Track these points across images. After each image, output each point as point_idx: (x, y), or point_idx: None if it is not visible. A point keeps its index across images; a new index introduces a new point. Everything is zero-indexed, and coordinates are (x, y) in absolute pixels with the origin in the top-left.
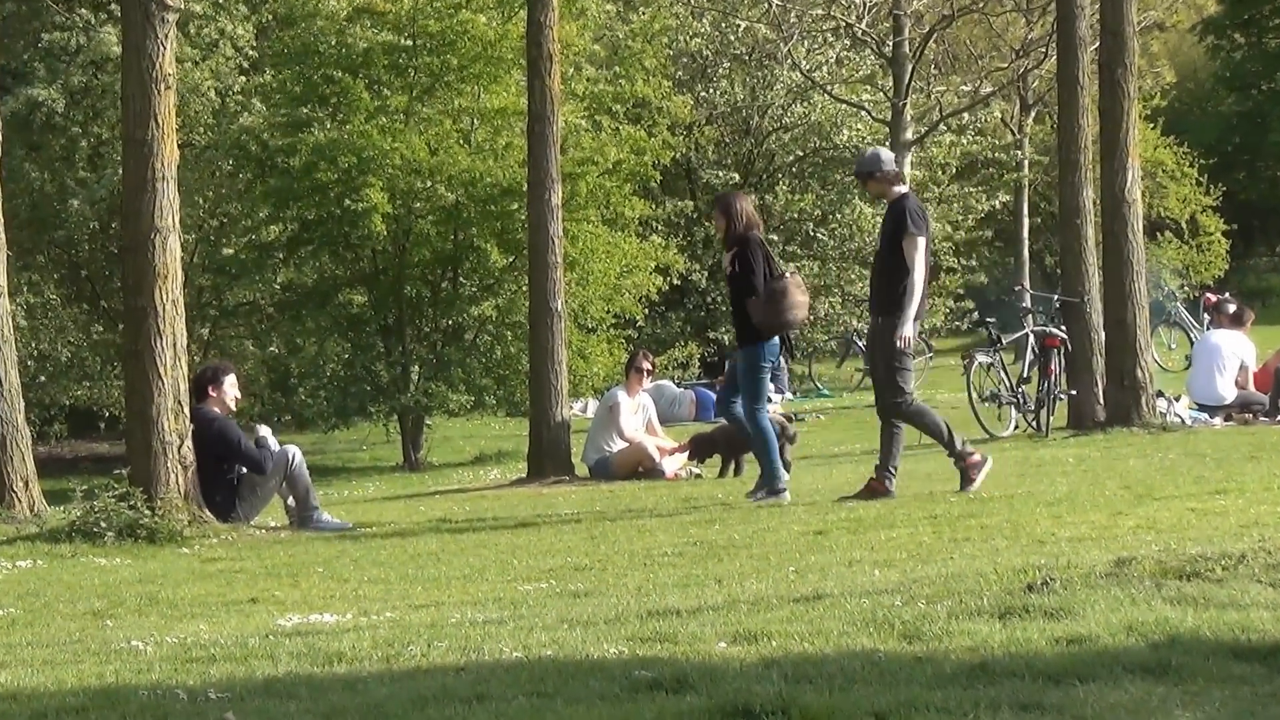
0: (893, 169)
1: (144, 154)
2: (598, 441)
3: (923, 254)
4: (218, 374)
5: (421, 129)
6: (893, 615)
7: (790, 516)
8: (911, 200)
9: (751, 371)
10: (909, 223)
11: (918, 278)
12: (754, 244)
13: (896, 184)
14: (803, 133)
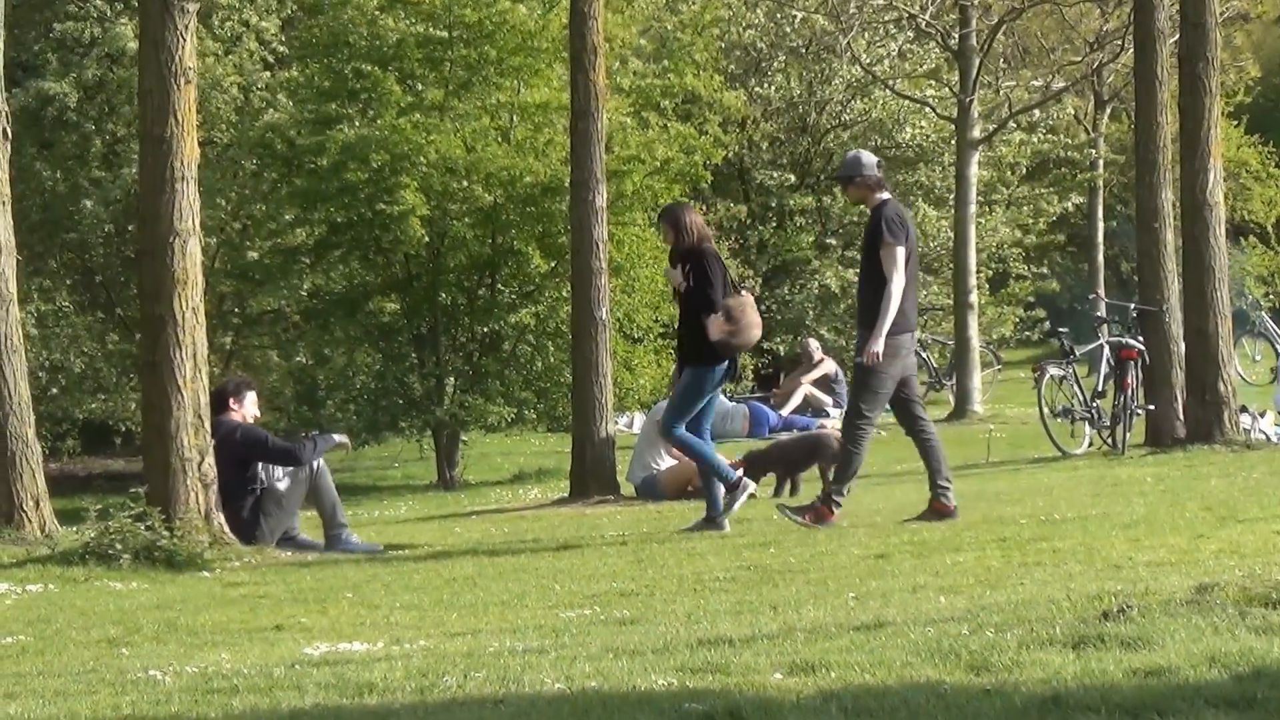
0: (874, 174)
1: (162, 152)
2: (644, 459)
3: (901, 265)
4: (239, 388)
5: (457, 125)
6: (959, 645)
7: (850, 539)
8: (891, 208)
9: (691, 392)
10: (885, 231)
11: (895, 290)
12: (710, 256)
13: (878, 190)
14: (863, 130)
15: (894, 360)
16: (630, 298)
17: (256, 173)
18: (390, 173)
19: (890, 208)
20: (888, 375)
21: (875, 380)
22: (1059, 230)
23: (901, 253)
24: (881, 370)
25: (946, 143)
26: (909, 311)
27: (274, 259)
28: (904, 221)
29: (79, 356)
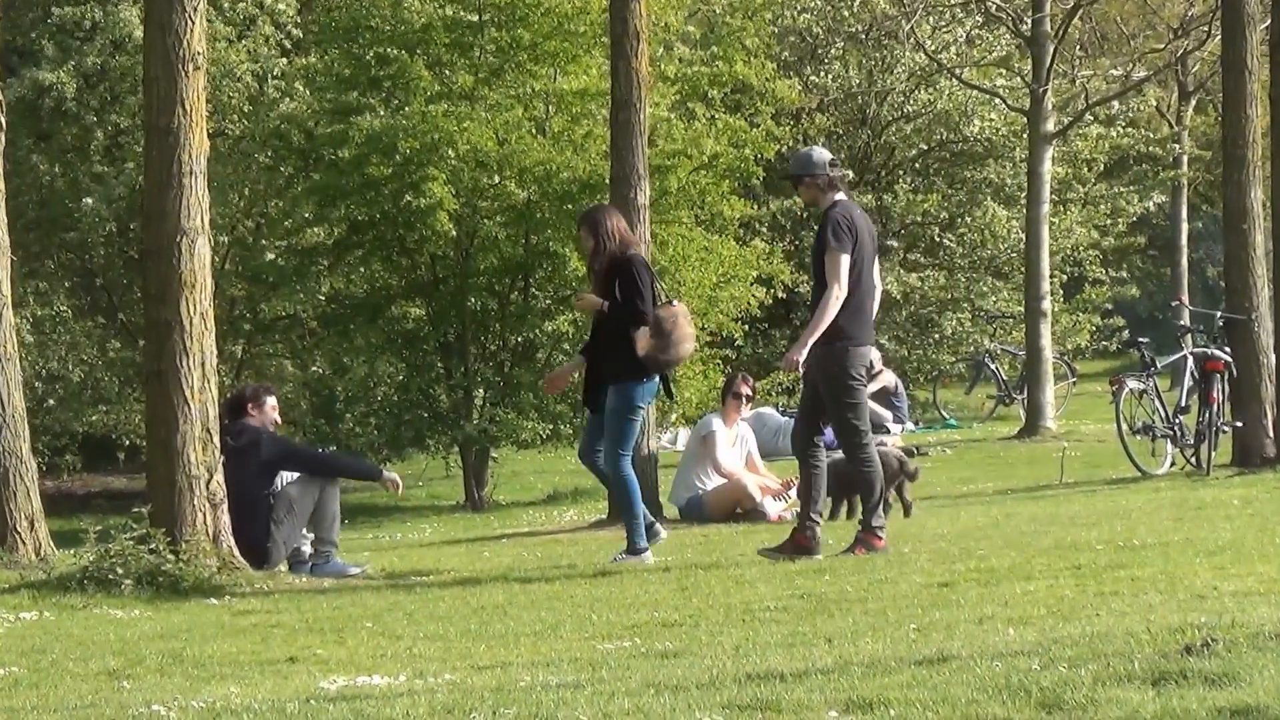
0: (825, 173)
1: (169, 144)
2: (689, 478)
3: (844, 272)
4: (259, 393)
5: (488, 116)
6: (1029, 681)
7: (911, 567)
8: (839, 210)
9: (625, 413)
10: (829, 236)
11: (833, 298)
12: (639, 265)
13: (830, 191)
14: (927, 123)
15: (858, 370)
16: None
17: (271, 167)
18: (417, 165)
19: (839, 210)
20: (859, 384)
21: (849, 393)
22: (1139, 232)
23: (846, 260)
24: (850, 381)
25: (1018, 137)
26: (865, 324)
27: (289, 260)
28: (854, 225)
29: (78, 365)
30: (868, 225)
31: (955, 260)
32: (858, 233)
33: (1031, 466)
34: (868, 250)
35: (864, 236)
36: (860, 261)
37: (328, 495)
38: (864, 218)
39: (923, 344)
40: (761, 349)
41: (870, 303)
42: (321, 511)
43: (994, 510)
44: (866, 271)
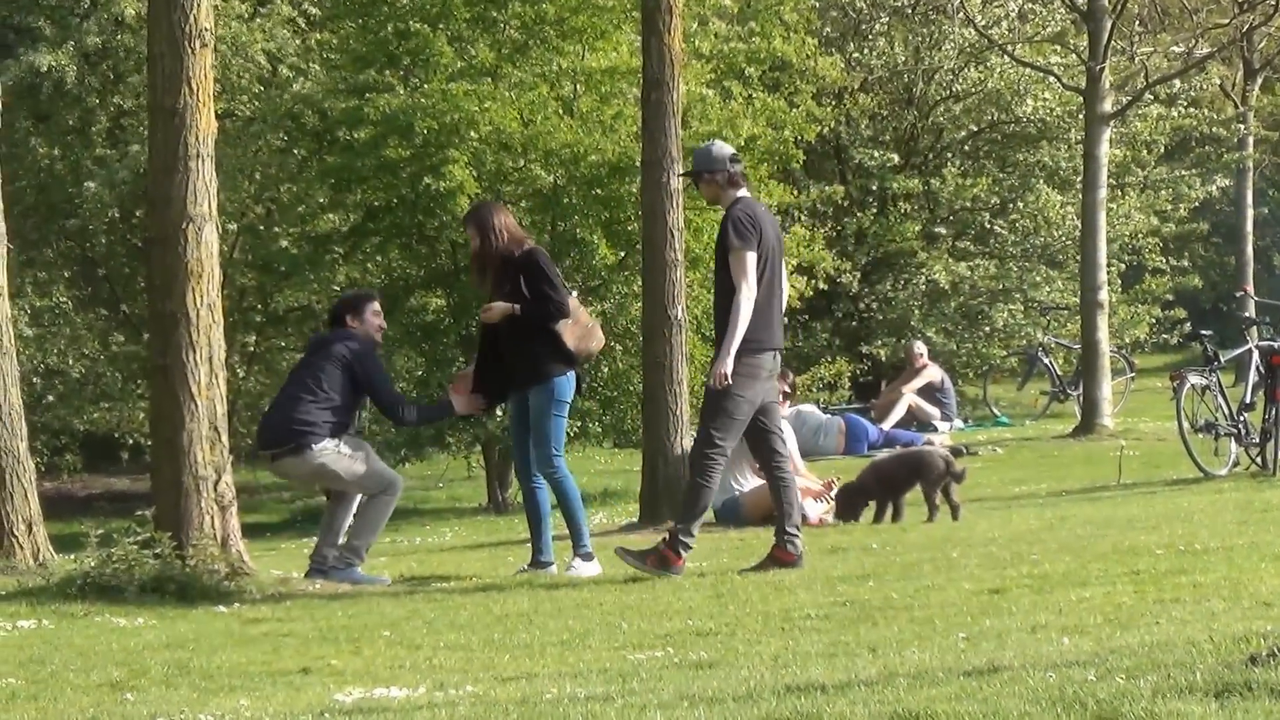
0: (726, 169)
1: (175, 126)
2: (725, 479)
3: (751, 272)
4: (358, 301)
5: (512, 95)
6: (1085, 693)
7: (960, 572)
8: (741, 208)
9: (554, 411)
10: (731, 234)
11: (744, 300)
12: (543, 258)
13: (731, 188)
14: (977, 103)
15: (751, 382)
16: (710, 293)
17: (283, 149)
18: (436, 147)
19: (741, 207)
20: (744, 399)
21: (730, 403)
22: (1201, 218)
23: (752, 258)
24: (737, 392)
25: (1073, 117)
26: (770, 326)
27: (302, 248)
28: (756, 222)
29: (79, 360)
30: (773, 223)
31: (1006, 248)
32: (762, 230)
33: (1087, 467)
34: (773, 249)
35: (769, 234)
36: (766, 260)
37: (380, 504)
38: (769, 215)
39: (972, 337)
40: (801, 342)
41: (775, 304)
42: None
43: (1048, 513)
44: (772, 271)
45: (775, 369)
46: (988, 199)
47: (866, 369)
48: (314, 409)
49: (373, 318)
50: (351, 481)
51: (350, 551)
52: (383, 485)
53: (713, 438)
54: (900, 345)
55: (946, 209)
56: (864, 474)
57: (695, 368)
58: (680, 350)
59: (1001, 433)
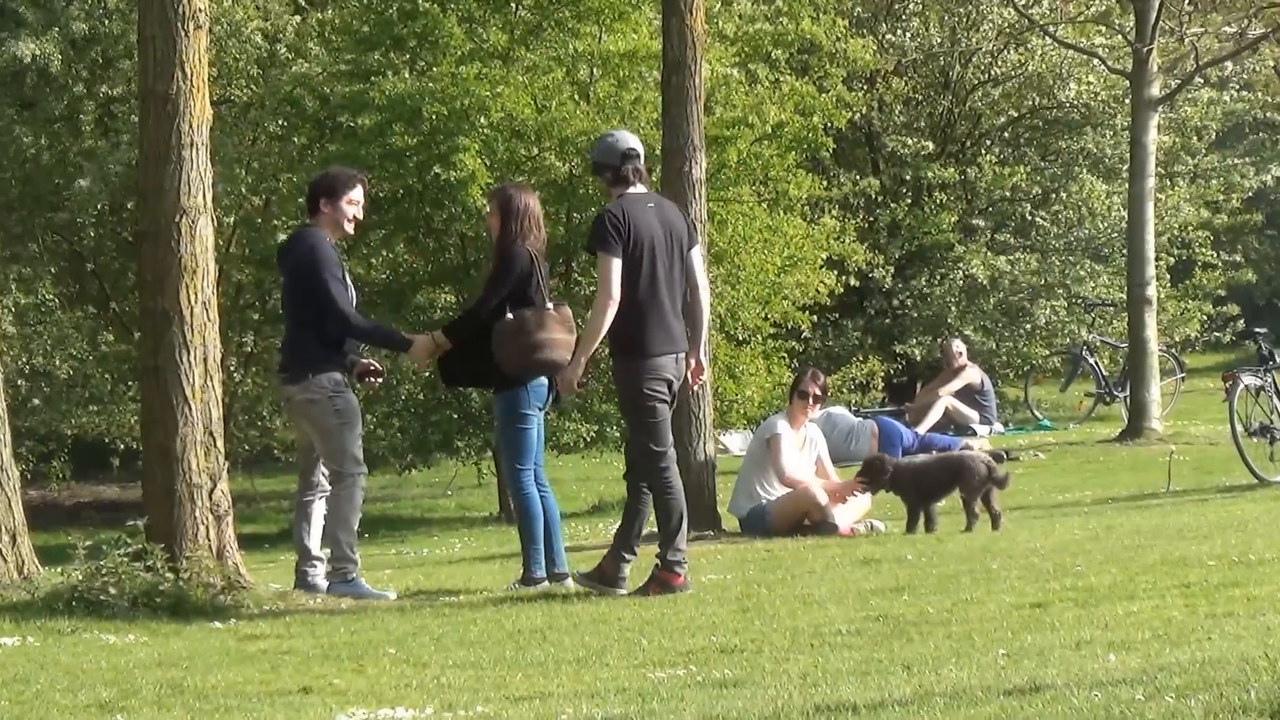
0: (609, 163)
1: (167, 113)
2: (751, 486)
3: (613, 277)
4: (335, 183)
5: (526, 80)
6: (1133, 713)
7: (1000, 585)
8: (611, 208)
9: (514, 421)
10: (592, 236)
11: (600, 307)
12: (519, 258)
13: (618, 185)
14: (1017, 87)
15: (655, 383)
16: (735, 290)
17: (282, 137)
18: (445, 134)
19: (612, 207)
20: (655, 397)
21: (644, 406)
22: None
23: (615, 264)
24: (647, 392)
25: (1119, 102)
26: (664, 329)
27: None
28: (626, 223)
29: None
30: (661, 216)
31: (1049, 241)
32: (634, 230)
33: (1135, 473)
34: (659, 247)
35: (650, 232)
36: (646, 261)
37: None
38: (656, 211)
39: (1012, 335)
40: (832, 341)
41: (668, 305)
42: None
43: (1093, 522)
44: (660, 269)
45: (679, 373)
46: (1028, 189)
47: (901, 369)
48: (297, 333)
49: (346, 206)
50: (319, 437)
51: (340, 560)
52: (341, 465)
53: (649, 447)
54: (936, 344)
55: (985, 199)
56: (904, 468)
57: (719, 368)
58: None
59: (1044, 437)
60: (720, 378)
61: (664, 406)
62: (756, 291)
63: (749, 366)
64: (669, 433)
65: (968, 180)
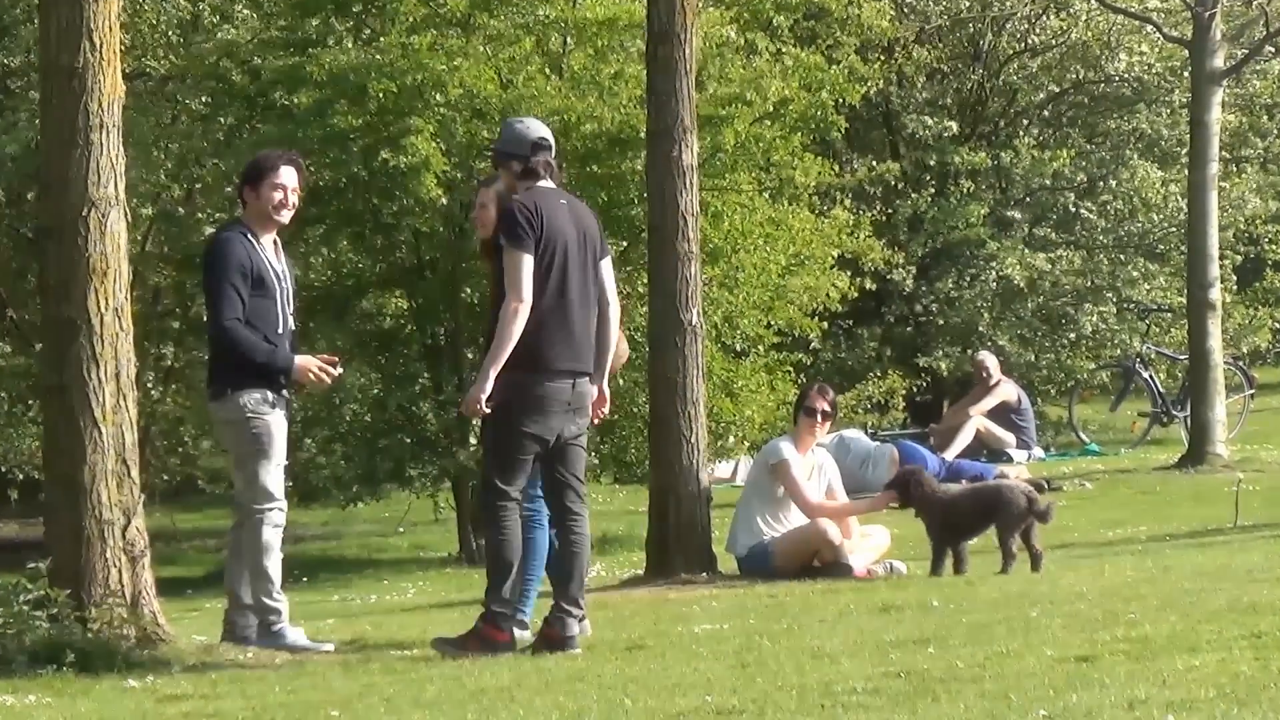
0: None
1: (73, 90)
2: (752, 520)
3: (523, 278)
4: (257, 167)
5: (488, 50)
6: None
7: (1040, 635)
8: (523, 198)
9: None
10: (501, 231)
11: (508, 314)
12: None
13: (527, 179)
14: (1058, 58)
15: (537, 415)
16: (732, 294)
17: (206, 116)
18: (395, 114)
19: (524, 197)
20: (526, 434)
21: (509, 440)
22: None
23: (526, 261)
24: (519, 425)
25: (1177, 75)
26: (569, 345)
27: None
28: (538, 216)
29: None
30: (574, 217)
31: (1095, 237)
32: (546, 226)
33: (1196, 505)
34: (572, 252)
35: (562, 231)
36: (556, 265)
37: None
38: (569, 211)
39: (1054, 346)
40: (845, 353)
41: (576, 317)
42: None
43: (1148, 562)
44: (568, 276)
45: (579, 402)
46: (1072, 176)
47: (925, 386)
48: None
49: (271, 191)
50: (233, 463)
51: (262, 611)
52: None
53: (494, 482)
54: (966, 356)
55: (1021, 188)
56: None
57: (714, 385)
58: (696, 363)
59: (1091, 463)
60: (716, 396)
61: (532, 443)
62: (757, 295)
63: (749, 382)
64: (524, 474)
65: (1001, 166)
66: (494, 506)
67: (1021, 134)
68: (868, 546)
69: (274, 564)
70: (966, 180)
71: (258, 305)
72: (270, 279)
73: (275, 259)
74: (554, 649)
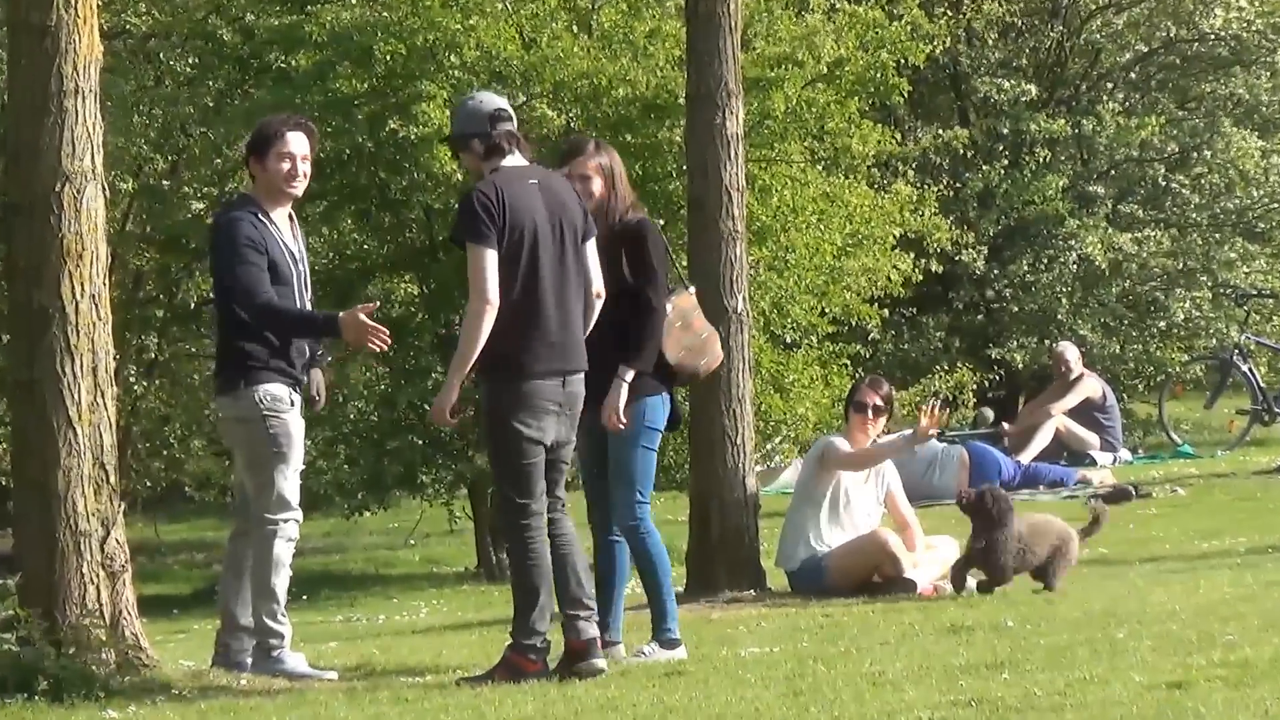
0: (473, 130)
1: (44, 51)
2: (803, 530)
3: (487, 273)
4: (261, 136)
5: (509, 7)
6: None
7: (1127, 659)
8: (480, 188)
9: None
10: (458, 224)
11: (474, 310)
12: (653, 233)
13: (492, 157)
14: (1147, 14)
15: (529, 417)
16: (782, 278)
17: (194, 80)
18: (405, 78)
19: (484, 184)
20: (525, 438)
21: (509, 447)
22: None
23: (488, 257)
24: (516, 426)
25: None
26: (548, 343)
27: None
28: (501, 204)
29: None
30: (547, 197)
31: (1188, 214)
32: (509, 214)
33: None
34: (543, 236)
35: (532, 216)
36: (526, 254)
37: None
38: (541, 189)
39: (1142, 335)
40: (908, 344)
41: (554, 313)
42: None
43: (1247, 576)
44: (542, 266)
45: (569, 402)
46: (1161, 146)
47: (997, 381)
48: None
49: (277, 162)
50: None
51: (263, 633)
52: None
53: (510, 500)
54: (1043, 348)
55: (1104, 160)
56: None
57: (761, 380)
58: (742, 355)
59: (1184, 467)
60: (764, 392)
61: (536, 447)
62: (810, 279)
63: (800, 377)
64: (539, 482)
65: (1082, 135)
66: (516, 526)
67: (1105, 99)
68: (933, 560)
69: (281, 582)
70: (1043, 150)
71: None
72: (285, 263)
73: (291, 238)
74: (579, 660)
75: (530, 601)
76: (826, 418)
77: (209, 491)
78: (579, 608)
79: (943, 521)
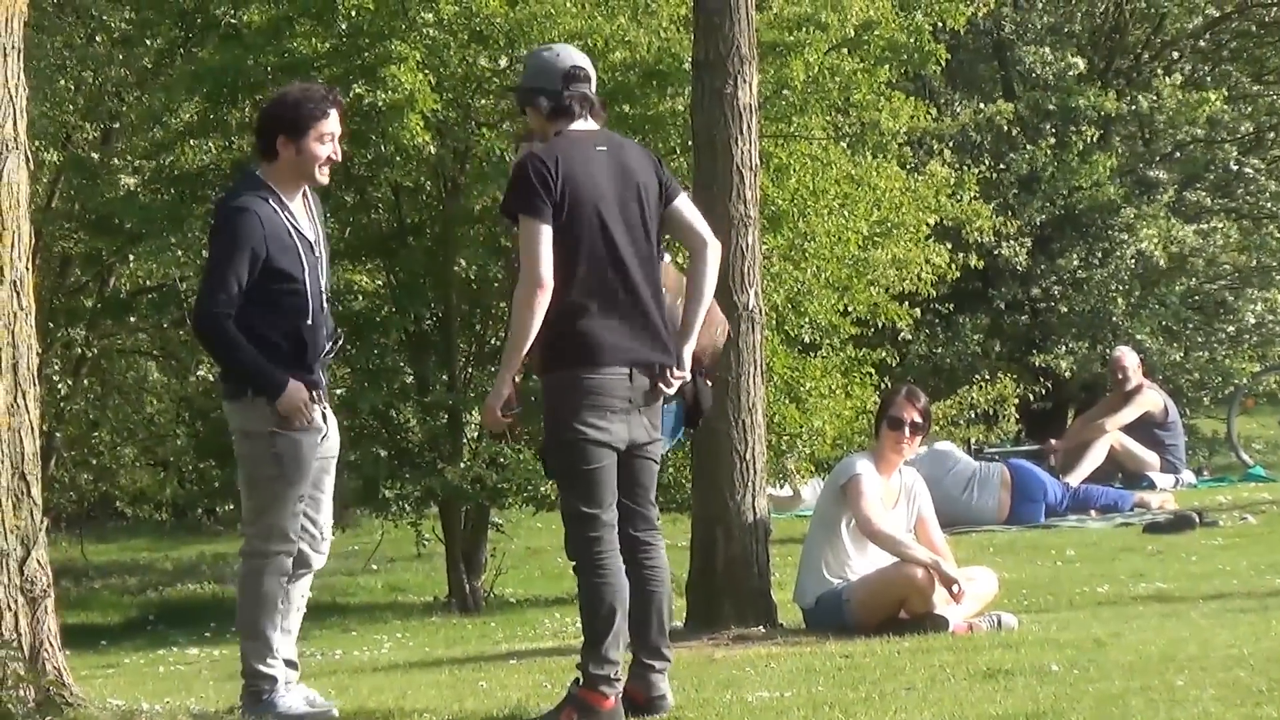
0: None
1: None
2: (821, 560)
3: (538, 251)
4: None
5: None
6: None
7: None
8: (535, 153)
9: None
10: (509, 195)
11: (528, 298)
12: None
13: (558, 119)
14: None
15: (594, 412)
16: (800, 270)
17: (129, 39)
18: (371, 37)
19: (541, 150)
20: (588, 441)
21: (572, 452)
22: None
23: (542, 231)
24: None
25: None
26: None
27: (159, 193)
28: (559, 173)
29: None
30: (616, 166)
31: (1261, 203)
32: (569, 184)
33: None
34: (609, 209)
35: (595, 186)
36: (588, 230)
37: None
38: (609, 156)
39: (1208, 341)
40: (943, 348)
41: (622, 297)
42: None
43: None
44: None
45: (639, 398)
46: (1233, 125)
47: (1044, 391)
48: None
49: (316, 146)
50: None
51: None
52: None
53: (577, 512)
54: (1096, 354)
55: (1166, 140)
56: None
57: (774, 387)
58: (753, 358)
59: (1255, 490)
60: (777, 400)
61: (603, 450)
62: (831, 272)
63: (819, 384)
64: (609, 490)
65: (1141, 112)
66: (583, 540)
67: (1167, 72)
68: (969, 594)
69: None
70: (1097, 129)
71: (283, 293)
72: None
73: (308, 223)
74: (641, 713)
75: (604, 627)
76: (848, 432)
77: (143, 508)
78: (657, 658)
79: (979, 551)
